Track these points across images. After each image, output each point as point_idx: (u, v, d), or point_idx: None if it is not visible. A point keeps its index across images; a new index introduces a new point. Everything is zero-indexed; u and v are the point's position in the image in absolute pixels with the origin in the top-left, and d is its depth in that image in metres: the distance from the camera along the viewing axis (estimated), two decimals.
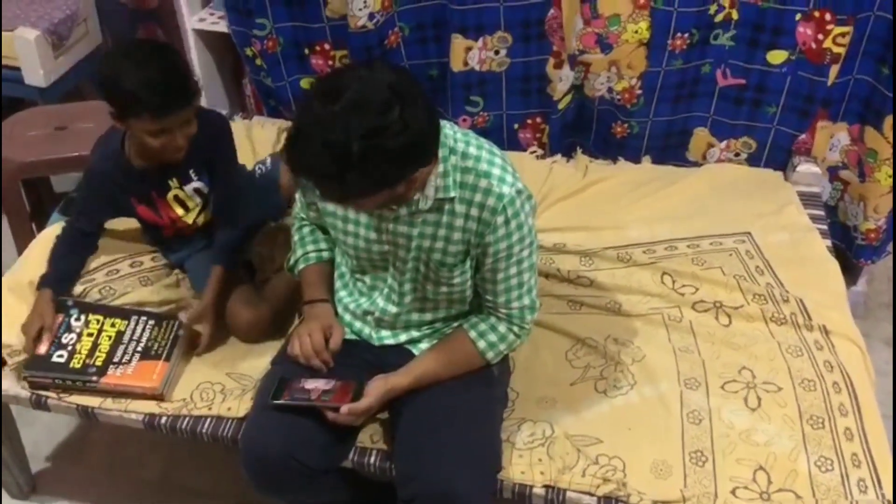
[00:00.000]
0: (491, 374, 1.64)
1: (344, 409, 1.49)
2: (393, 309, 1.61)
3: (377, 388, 1.54)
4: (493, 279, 1.53)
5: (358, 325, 1.67)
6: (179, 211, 1.89)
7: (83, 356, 1.73)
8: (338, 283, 1.69)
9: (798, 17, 2.14)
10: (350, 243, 1.57)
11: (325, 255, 1.72)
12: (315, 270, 1.70)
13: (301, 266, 1.72)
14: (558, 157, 2.45)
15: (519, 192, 1.46)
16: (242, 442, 1.58)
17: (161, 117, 1.65)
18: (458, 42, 2.31)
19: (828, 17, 2.11)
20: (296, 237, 1.75)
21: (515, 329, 1.58)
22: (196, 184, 1.88)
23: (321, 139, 1.23)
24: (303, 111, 1.28)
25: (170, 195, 1.87)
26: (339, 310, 1.69)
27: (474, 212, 1.45)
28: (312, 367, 1.58)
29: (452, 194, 1.44)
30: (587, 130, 2.51)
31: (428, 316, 1.63)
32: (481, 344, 1.57)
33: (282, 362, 1.66)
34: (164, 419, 1.70)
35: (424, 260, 1.52)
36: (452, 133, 1.46)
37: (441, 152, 1.41)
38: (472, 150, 1.46)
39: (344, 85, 1.25)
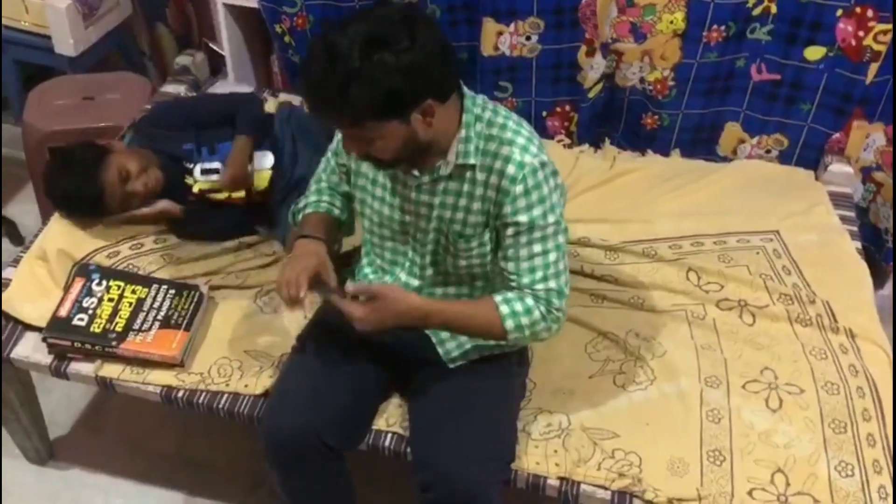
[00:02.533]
0: (510, 364, 1.63)
1: (349, 286, 1.47)
2: (415, 282, 1.59)
3: (395, 289, 1.47)
4: (515, 256, 1.45)
5: None
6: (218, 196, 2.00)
7: (103, 321, 1.74)
8: (364, 261, 1.68)
9: (839, 12, 2.09)
10: (375, 208, 1.55)
11: (334, 210, 1.67)
12: (319, 216, 1.64)
13: (307, 211, 1.66)
14: (585, 146, 2.43)
15: (543, 163, 1.41)
16: (264, 419, 1.58)
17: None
18: (490, 26, 2.28)
19: (870, 13, 2.06)
20: (310, 189, 1.71)
21: (542, 308, 1.45)
22: (205, 165, 1.98)
23: (326, 51, 1.24)
24: (313, 42, 1.29)
25: (195, 189, 1.98)
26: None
27: (494, 179, 1.42)
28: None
29: (472, 161, 1.42)
30: (616, 121, 2.48)
31: (451, 290, 1.60)
32: (504, 308, 1.45)
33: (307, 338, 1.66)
34: (181, 393, 1.70)
35: (445, 231, 1.50)
36: (483, 102, 1.45)
37: (465, 117, 1.40)
38: (500, 119, 1.43)
39: (357, 15, 1.28)
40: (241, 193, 2.02)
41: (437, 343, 1.59)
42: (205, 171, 1.99)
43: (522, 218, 1.42)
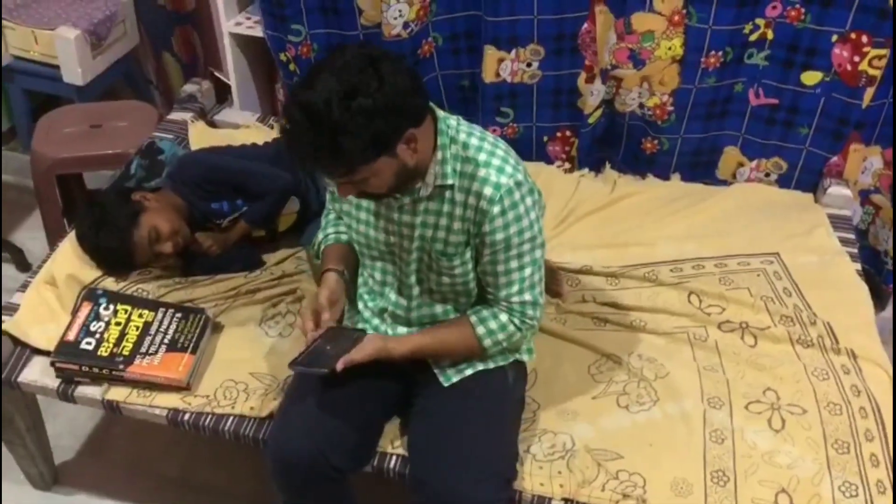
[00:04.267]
0: (506, 380, 1.64)
1: (339, 364, 1.48)
2: (403, 301, 1.63)
3: (373, 344, 1.53)
4: (493, 272, 1.52)
5: (376, 321, 1.68)
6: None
7: (111, 345, 1.76)
8: (359, 281, 1.71)
9: (834, 38, 2.13)
10: (361, 231, 1.61)
11: (344, 237, 1.71)
12: (334, 248, 1.70)
13: (322, 247, 1.73)
14: (586, 171, 2.46)
15: (518, 183, 1.45)
16: (271, 442, 1.58)
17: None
18: (491, 53, 2.32)
19: (864, 39, 2.09)
20: (322, 223, 1.77)
21: (516, 321, 1.55)
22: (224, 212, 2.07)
23: (305, 113, 1.28)
24: (287, 106, 1.33)
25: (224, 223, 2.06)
26: (360, 307, 1.70)
27: (472, 200, 1.46)
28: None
29: (450, 181, 1.46)
30: (616, 145, 2.51)
31: (438, 309, 1.63)
32: (480, 329, 1.55)
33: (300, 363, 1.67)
34: (187, 416, 1.71)
35: (427, 250, 1.54)
36: (456, 124, 1.48)
37: (440, 140, 1.44)
38: (474, 141, 1.47)
39: (318, 69, 1.32)
40: (262, 233, 2.07)
41: (431, 362, 1.61)
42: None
43: (499, 236, 1.47)
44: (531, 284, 1.53)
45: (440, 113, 1.47)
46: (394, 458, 1.63)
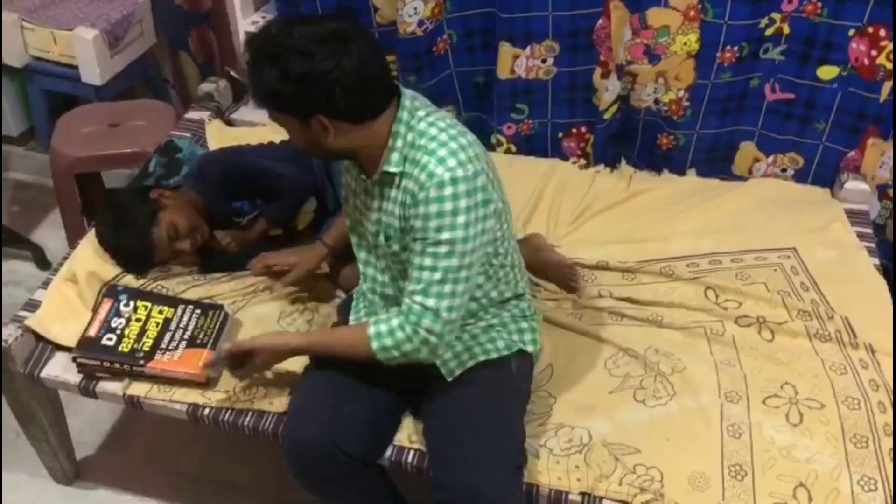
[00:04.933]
0: (509, 370, 1.64)
1: (228, 344, 1.63)
2: (380, 277, 1.65)
3: (270, 337, 1.65)
4: (410, 261, 1.47)
5: (371, 297, 1.69)
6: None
7: (131, 341, 1.78)
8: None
9: (851, 32, 2.12)
10: (349, 212, 1.66)
11: None
12: (339, 222, 1.83)
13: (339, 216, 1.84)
14: (601, 167, 2.46)
15: (454, 179, 1.39)
16: (284, 432, 1.61)
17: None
18: (506, 50, 2.33)
19: (882, 32, 2.08)
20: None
21: (408, 328, 1.46)
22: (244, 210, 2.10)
23: (256, 35, 1.39)
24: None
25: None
26: (364, 288, 1.71)
27: (410, 185, 1.44)
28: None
29: (393, 169, 1.46)
30: (632, 141, 2.51)
31: None
32: (371, 329, 1.49)
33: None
34: (206, 411, 1.73)
35: (385, 234, 1.54)
36: (423, 114, 1.47)
37: (395, 127, 1.45)
38: (432, 131, 1.45)
39: (305, 18, 1.43)
40: (279, 231, 2.09)
41: None
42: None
43: (418, 223, 1.43)
44: (439, 293, 1.44)
45: (408, 103, 1.47)
46: (411, 452, 1.64)
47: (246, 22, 2.64)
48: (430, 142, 1.44)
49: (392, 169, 1.46)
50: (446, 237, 1.41)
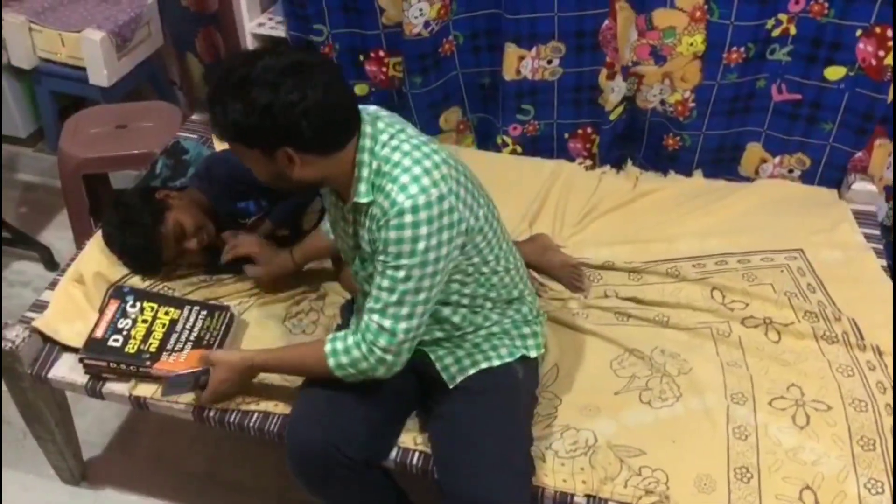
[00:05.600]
0: (515, 376, 1.63)
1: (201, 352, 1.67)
2: (363, 297, 1.64)
3: (228, 353, 1.68)
4: (373, 274, 1.48)
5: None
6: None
7: (138, 342, 1.78)
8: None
9: (858, 32, 2.11)
10: (333, 231, 1.68)
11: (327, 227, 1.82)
12: (315, 237, 1.90)
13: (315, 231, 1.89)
14: (607, 168, 2.45)
15: (415, 207, 1.38)
16: (287, 435, 1.61)
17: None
18: (512, 51, 2.33)
19: (889, 33, 2.07)
20: None
21: (364, 347, 1.47)
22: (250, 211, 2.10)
23: (221, 66, 1.40)
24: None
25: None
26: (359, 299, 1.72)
27: (376, 212, 1.43)
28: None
29: (363, 200, 1.44)
30: (638, 142, 2.51)
31: None
32: (328, 346, 1.51)
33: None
34: (212, 412, 1.73)
35: (360, 257, 1.55)
36: (386, 139, 1.45)
37: (358, 157, 1.44)
38: (396, 157, 1.43)
39: (268, 50, 1.39)
40: (285, 232, 2.09)
41: (435, 360, 1.62)
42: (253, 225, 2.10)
43: (380, 247, 1.43)
44: (395, 315, 1.44)
45: (369, 129, 1.44)
46: (416, 454, 1.64)
47: (252, 23, 2.64)
48: (393, 168, 1.42)
49: (363, 200, 1.45)
50: (404, 263, 1.41)
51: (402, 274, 1.42)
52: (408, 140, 1.45)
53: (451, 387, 1.60)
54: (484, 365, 1.61)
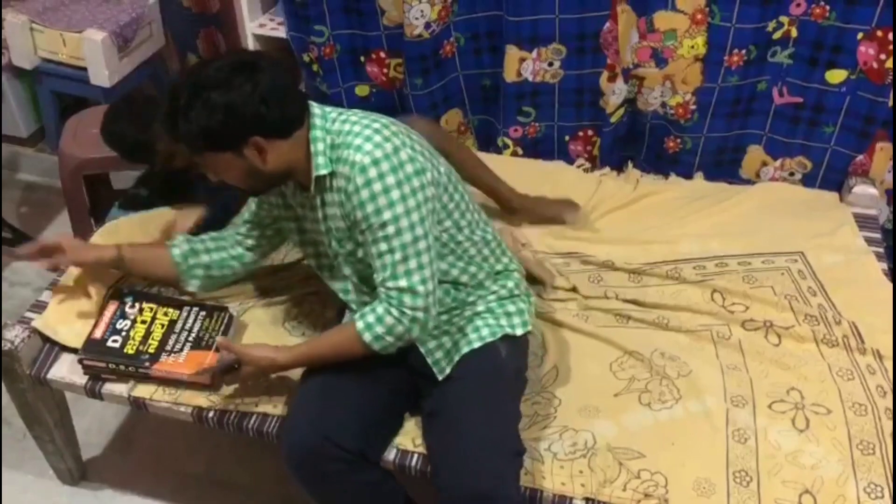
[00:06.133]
0: (498, 356, 1.64)
1: (221, 338, 1.68)
2: (350, 287, 1.66)
3: (259, 349, 1.63)
4: (369, 253, 1.51)
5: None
6: None
7: (136, 342, 1.78)
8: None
9: (860, 35, 2.11)
10: (295, 239, 1.71)
11: (176, 251, 1.81)
12: (156, 247, 1.86)
13: (178, 241, 1.84)
14: (607, 170, 2.45)
15: (375, 160, 1.43)
16: (283, 435, 1.61)
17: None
18: (513, 53, 2.33)
19: (891, 36, 2.07)
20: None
21: (394, 312, 1.49)
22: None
23: (171, 89, 1.45)
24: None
25: None
26: (348, 300, 1.71)
27: (341, 183, 1.48)
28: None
29: (323, 171, 1.49)
30: (639, 144, 2.51)
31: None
32: (360, 323, 1.52)
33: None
34: (211, 413, 1.73)
35: (336, 238, 1.58)
36: (335, 116, 1.53)
37: (311, 134, 1.50)
38: (346, 126, 1.50)
39: (214, 60, 1.46)
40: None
41: (425, 353, 1.62)
42: None
43: (359, 214, 1.47)
44: (406, 271, 1.47)
45: (317, 110, 1.52)
46: (415, 456, 1.63)
47: (253, 24, 2.65)
48: (346, 136, 1.49)
49: (322, 171, 1.49)
50: (387, 217, 1.45)
51: (391, 230, 1.45)
52: (354, 113, 1.54)
53: (440, 378, 1.60)
54: (466, 349, 1.62)
